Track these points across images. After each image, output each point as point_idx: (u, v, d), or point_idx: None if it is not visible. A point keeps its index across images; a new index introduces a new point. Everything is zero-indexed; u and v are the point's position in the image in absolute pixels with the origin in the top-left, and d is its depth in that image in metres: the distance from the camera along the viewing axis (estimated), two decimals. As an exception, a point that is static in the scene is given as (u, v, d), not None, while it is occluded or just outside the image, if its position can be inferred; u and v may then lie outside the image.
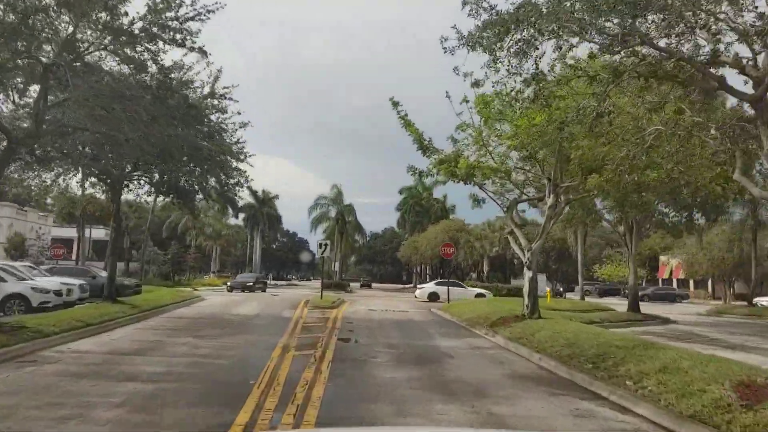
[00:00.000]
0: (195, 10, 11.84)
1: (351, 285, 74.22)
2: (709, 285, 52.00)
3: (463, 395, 7.55)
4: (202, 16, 11.95)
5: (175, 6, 11.69)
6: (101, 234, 48.31)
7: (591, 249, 42.46)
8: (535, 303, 15.03)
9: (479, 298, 30.46)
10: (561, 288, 39.54)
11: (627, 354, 8.98)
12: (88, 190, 29.73)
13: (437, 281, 36.35)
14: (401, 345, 12.72)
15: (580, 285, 32.97)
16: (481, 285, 40.37)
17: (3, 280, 15.89)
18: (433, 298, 31.73)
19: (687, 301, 46.42)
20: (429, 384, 8.32)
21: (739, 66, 8.05)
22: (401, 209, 75.71)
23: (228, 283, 39.21)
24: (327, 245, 24.83)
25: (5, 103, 13.44)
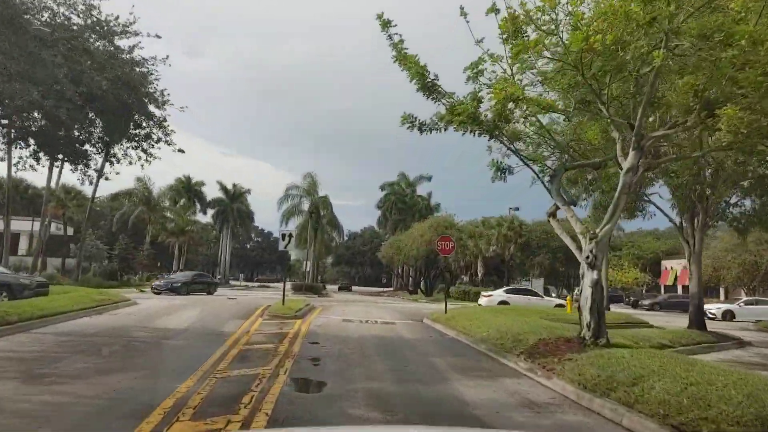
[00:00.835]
0: None
1: (327, 288, 68.67)
2: (722, 293, 47.54)
3: None
4: None
5: None
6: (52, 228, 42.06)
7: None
8: (601, 322, 9.67)
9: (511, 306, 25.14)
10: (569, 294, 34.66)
11: None
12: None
13: (507, 288, 30.72)
14: (397, 395, 7.32)
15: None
16: (477, 290, 35.16)
17: None
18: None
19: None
20: None
21: None
22: (382, 206, 70.36)
23: (153, 285, 31.20)
24: (291, 236, 19.34)
25: None
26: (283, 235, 19.38)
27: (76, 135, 14.53)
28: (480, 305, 27.08)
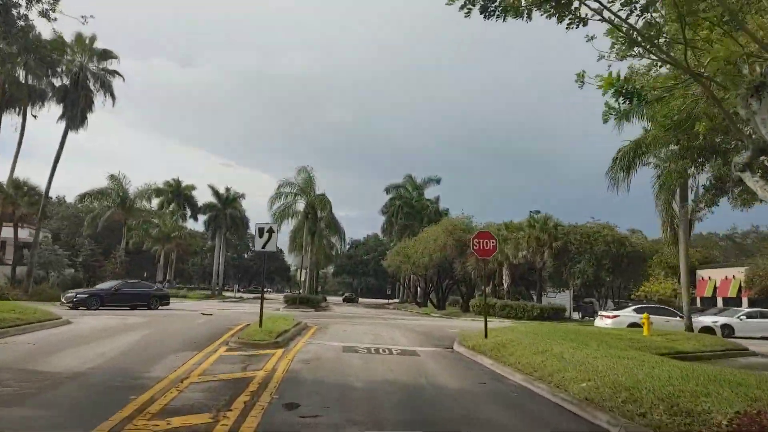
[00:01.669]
0: None
1: (327, 300, 62.91)
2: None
3: None
4: None
5: None
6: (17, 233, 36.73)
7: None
8: None
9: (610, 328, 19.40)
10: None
11: None
12: None
13: (637, 306, 24.32)
14: None
15: (685, 305, 21.45)
16: (503, 304, 29.63)
17: None
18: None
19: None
20: None
21: None
22: (387, 211, 64.98)
23: (64, 297, 24.34)
24: (271, 231, 13.90)
25: None
26: (261, 230, 13.96)
27: None
28: (598, 327, 20.70)
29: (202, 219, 68.97)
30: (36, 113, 30.54)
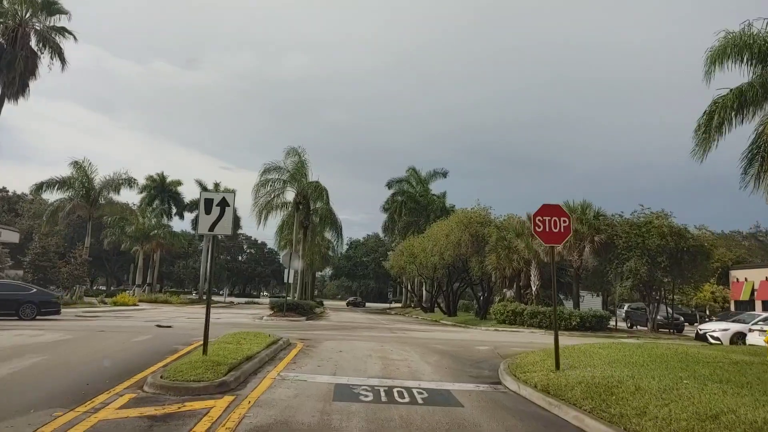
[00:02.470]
0: None
1: (324, 305, 57.57)
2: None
3: None
4: None
5: None
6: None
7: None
8: None
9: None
10: (679, 317, 23.29)
11: None
12: None
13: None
14: None
15: None
16: (533, 310, 24.46)
17: None
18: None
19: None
20: None
21: None
22: (389, 208, 59.70)
23: None
24: (225, 205, 8.78)
25: None
26: (208, 203, 8.85)
27: None
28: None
29: (190, 218, 64.18)
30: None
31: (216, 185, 60.54)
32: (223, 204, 9.24)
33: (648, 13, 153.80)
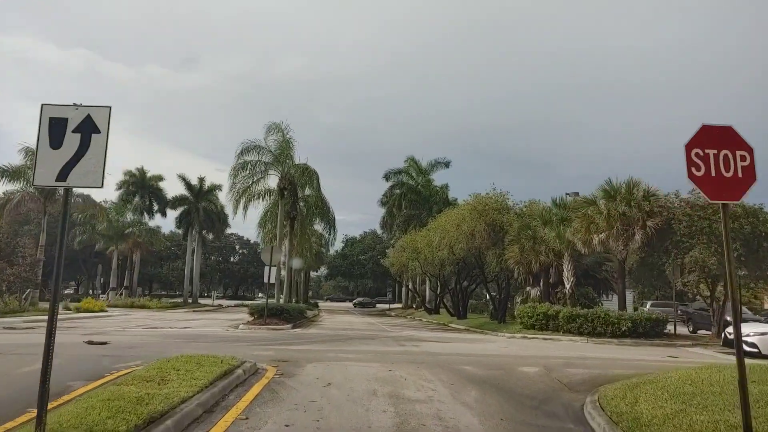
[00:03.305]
0: None
1: (319, 308, 52.99)
2: None
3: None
4: None
5: None
6: None
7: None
8: None
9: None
10: (726, 318, 18.87)
11: None
12: None
13: None
14: None
15: None
16: (570, 313, 19.86)
17: None
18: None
19: None
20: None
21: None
22: (387, 202, 55.06)
23: None
24: (93, 135, 4.31)
25: None
26: (56, 126, 4.34)
27: None
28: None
29: (174, 215, 59.49)
30: None
31: (201, 179, 56.04)
32: (89, 129, 4.70)
33: (643, 19, 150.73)
